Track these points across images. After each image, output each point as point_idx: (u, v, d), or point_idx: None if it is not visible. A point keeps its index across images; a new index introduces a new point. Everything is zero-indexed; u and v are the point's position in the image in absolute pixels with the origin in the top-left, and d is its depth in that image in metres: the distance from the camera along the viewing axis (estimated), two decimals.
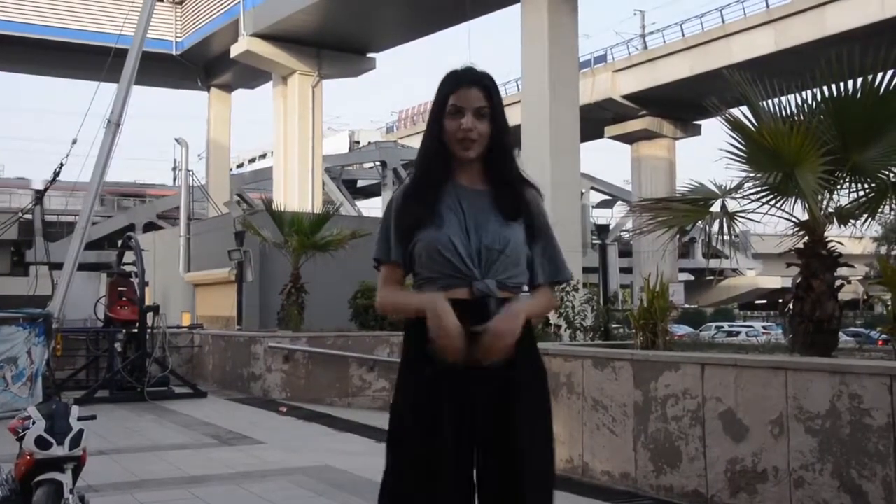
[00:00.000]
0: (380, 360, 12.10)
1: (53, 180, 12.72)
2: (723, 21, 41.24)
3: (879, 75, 4.99)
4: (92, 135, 11.77)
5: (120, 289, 12.16)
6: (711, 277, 51.81)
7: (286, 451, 7.47)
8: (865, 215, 5.45)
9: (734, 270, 58.70)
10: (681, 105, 43.67)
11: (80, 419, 3.89)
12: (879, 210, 5.45)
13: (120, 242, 14.42)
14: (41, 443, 3.70)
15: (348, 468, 6.46)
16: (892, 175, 5.27)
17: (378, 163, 55.61)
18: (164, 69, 41.84)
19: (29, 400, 8.73)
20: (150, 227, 43.85)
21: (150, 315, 11.67)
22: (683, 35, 43.61)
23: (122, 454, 7.06)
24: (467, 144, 2.32)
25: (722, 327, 38.91)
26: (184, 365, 13.57)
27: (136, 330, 11.52)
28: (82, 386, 11.66)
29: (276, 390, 11.63)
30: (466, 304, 2.27)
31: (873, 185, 5.29)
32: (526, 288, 2.40)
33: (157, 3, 17.39)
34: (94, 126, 11.75)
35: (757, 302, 61.11)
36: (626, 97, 46.08)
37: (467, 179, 2.38)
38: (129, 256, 13.34)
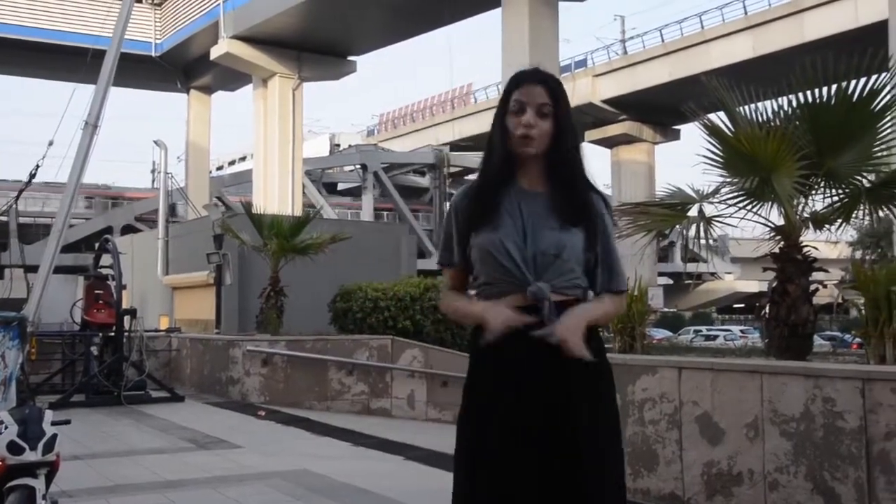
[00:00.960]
0: (359, 364, 12.08)
1: (29, 182, 12.60)
2: (702, 27, 41.64)
3: (853, 82, 5.04)
4: (69, 136, 11.67)
5: (97, 292, 12.04)
6: (690, 281, 52.16)
7: (264, 455, 7.43)
8: (840, 220, 5.51)
9: (712, 274, 59.21)
10: (660, 110, 43.98)
11: (53, 424, 3.85)
12: (853, 215, 5.50)
13: (97, 245, 14.30)
14: (13, 448, 3.65)
15: (326, 472, 6.43)
16: (865, 181, 5.33)
17: (358, 166, 55.56)
18: (143, 70, 41.61)
19: (2, 405, 8.59)
20: (128, 229, 43.60)
21: (127, 318, 11.58)
22: (663, 40, 43.97)
23: (97, 459, 7.00)
24: (527, 141, 2.30)
25: (700, 331, 39.19)
26: (161, 369, 13.47)
27: (112, 333, 11.43)
28: (58, 390, 11.54)
29: (255, 394, 11.57)
30: (521, 310, 2.26)
31: (847, 190, 5.34)
32: (591, 294, 2.38)
33: (136, 4, 17.32)
34: (71, 127, 11.65)
35: (735, 306, 61.59)
36: (606, 102, 46.37)
37: (528, 182, 2.36)
38: (106, 259, 13.23)
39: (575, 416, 2.24)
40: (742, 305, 59.22)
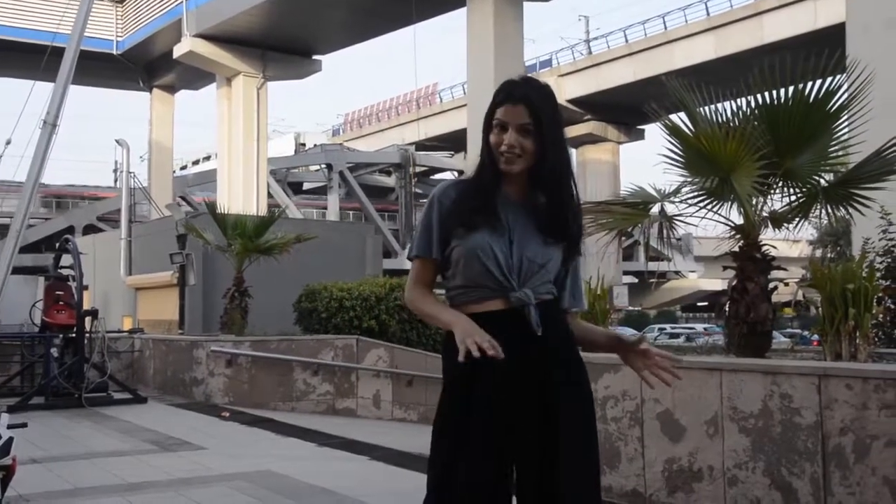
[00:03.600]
0: (324, 364, 12.03)
1: None
2: (665, 28, 42.05)
3: (810, 84, 5.12)
4: (27, 135, 11.51)
5: (57, 293, 11.88)
6: (653, 280, 52.64)
7: (228, 456, 7.38)
8: (798, 219, 5.59)
9: (676, 273, 59.77)
10: (625, 110, 44.35)
11: (10, 427, 3.80)
12: (811, 214, 5.59)
13: (57, 245, 14.09)
14: None
15: (291, 473, 6.40)
16: (822, 180, 5.42)
17: (324, 165, 55.30)
18: (104, 69, 41.11)
19: None
20: (90, 229, 42.98)
21: (88, 319, 11.43)
22: (627, 41, 44.36)
23: (56, 462, 6.89)
24: (510, 159, 2.32)
25: (664, 329, 39.57)
26: (124, 370, 13.31)
27: (73, 335, 11.27)
28: (17, 393, 11.36)
29: (219, 395, 11.48)
30: (502, 314, 2.30)
31: (804, 189, 5.42)
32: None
33: (96, 1, 17.10)
34: (29, 126, 11.50)
35: (699, 304, 62.20)
36: (571, 101, 46.62)
37: (515, 192, 2.38)
38: (66, 260, 13.04)
39: (553, 413, 2.28)
40: (706, 303, 59.84)
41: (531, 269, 2.31)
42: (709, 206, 5.61)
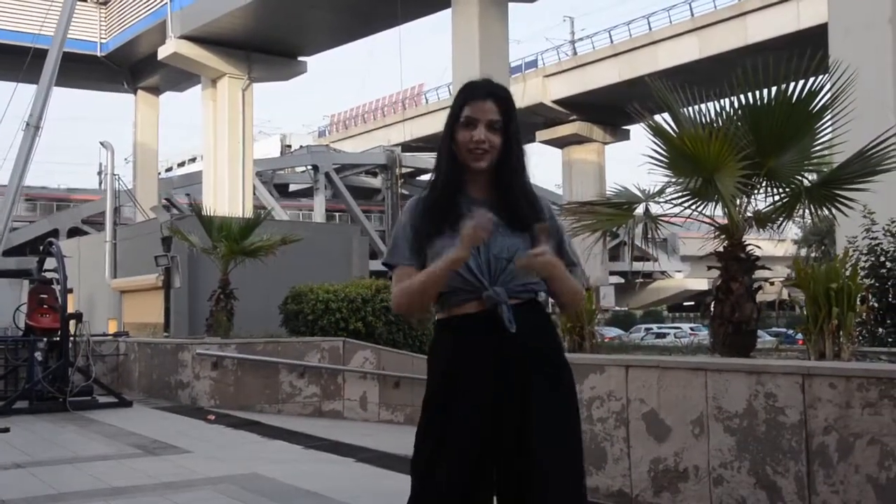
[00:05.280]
0: (310, 366, 12.00)
1: None
2: (650, 28, 42.22)
3: (793, 84, 5.15)
4: (10, 137, 11.45)
5: (41, 296, 11.80)
6: (639, 280, 52.80)
7: (213, 459, 7.34)
8: (781, 219, 5.61)
9: (663, 273, 59.97)
10: (610, 110, 44.48)
11: None
12: (795, 214, 5.62)
13: (41, 248, 14.00)
14: None
15: (277, 476, 6.38)
16: (805, 180, 5.45)
17: (310, 167, 55.23)
18: (88, 70, 40.92)
19: None
20: (74, 232, 42.75)
21: (72, 323, 11.36)
22: (612, 41, 44.51)
23: (40, 467, 6.83)
24: (478, 155, 2.35)
25: (651, 329, 39.69)
26: (109, 374, 13.23)
27: (57, 338, 11.20)
28: (0, 397, 11.27)
29: (205, 398, 11.43)
30: (478, 316, 2.31)
31: (787, 189, 5.45)
32: (543, 295, 2.44)
33: (80, 3, 16.99)
34: (11, 128, 11.43)
35: (685, 303, 62.45)
36: (556, 102, 46.76)
37: (477, 191, 2.41)
38: (51, 263, 12.96)
39: (532, 413, 2.31)
40: (692, 303, 60.07)
41: (499, 266, 2.32)
42: (693, 207, 5.63)
